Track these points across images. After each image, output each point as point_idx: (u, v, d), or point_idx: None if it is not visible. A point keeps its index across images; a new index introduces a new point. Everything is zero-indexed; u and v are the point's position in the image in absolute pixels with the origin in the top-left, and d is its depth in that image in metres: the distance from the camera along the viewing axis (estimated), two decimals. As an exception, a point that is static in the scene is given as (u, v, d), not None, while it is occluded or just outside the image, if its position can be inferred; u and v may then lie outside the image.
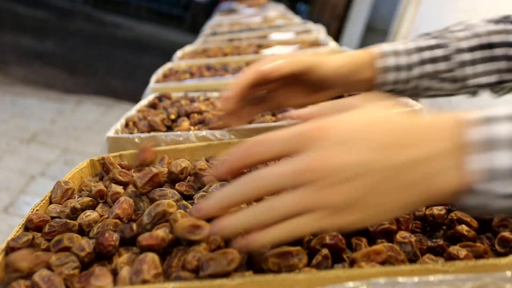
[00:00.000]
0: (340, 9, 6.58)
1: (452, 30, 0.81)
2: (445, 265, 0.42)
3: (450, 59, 0.79)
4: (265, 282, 0.42)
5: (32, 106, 4.02)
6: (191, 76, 1.66)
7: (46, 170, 3.03)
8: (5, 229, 2.35)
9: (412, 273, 0.41)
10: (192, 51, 2.25)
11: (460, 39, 0.79)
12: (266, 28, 2.83)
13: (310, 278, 0.42)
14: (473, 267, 0.41)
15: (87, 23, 8.12)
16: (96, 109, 4.26)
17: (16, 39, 5.84)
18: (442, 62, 0.79)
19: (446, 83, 0.81)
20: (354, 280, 0.40)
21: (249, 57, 1.84)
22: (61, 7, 8.91)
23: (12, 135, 3.40)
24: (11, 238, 0.58)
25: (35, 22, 7.08)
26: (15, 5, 7.80)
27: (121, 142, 0.96)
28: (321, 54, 0.75)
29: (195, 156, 0.85)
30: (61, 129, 3.71)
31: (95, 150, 2.30)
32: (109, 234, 0.54)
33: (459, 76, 0.80)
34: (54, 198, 0.68)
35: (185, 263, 0.48)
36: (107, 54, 6.25)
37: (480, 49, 0.79)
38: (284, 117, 0.64)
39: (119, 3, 10.12)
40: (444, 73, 0.79)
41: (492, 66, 0.79)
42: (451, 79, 0.80)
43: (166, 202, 0.55)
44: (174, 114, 1.11)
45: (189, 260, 0.48)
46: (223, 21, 3.62)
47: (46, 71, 5.00)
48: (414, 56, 0.78)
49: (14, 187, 2.77)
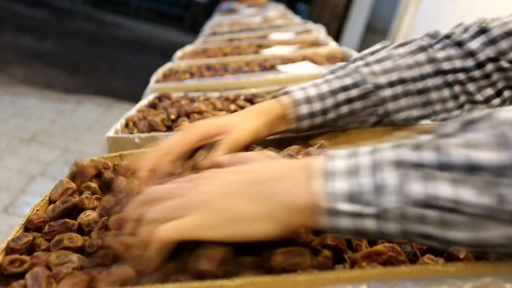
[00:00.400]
0: (340, 9, 6.58)
1: (368, 62, 0.78)
2: (445, 266, 0.42)
3: (367, 97, 0.76)
4: (265, 283, 0.42)
5: (32, 106, 4.02)
6: (191, 76, 1.66)
7: (46, 170, 3.03)
8: (5, 229, 2.35)
9: (413, 274, 0.41)
10: (192, 51, 2.24)
11: (377, 74, 0.76)
12: (266, 28, 2.83)
13: (311, 279, 0.42)
14: (473, 267, 0.41)
15: (87, 23, 8.12)
16: (96, 109, 4.26)
17: (16, 39, 5.84)
18: (358, 101, 0.76)
19: (372, 118, 0.78)
20: (354, 281, 0.40)
21: (249, 57, 1.84)
22: (61, 7, 8.91)
23: (12, 135, 3.40)
24: (11, 239, 0.58)
25: (35, 22, 7.08)
26: (15, 5, 7.80)
27: (121, 142, 0.96)
28: (237, 115, 0.74)
29: (195, 156, 0.85)
30: (61, 129, 3.71)
31: (95, 150, 2.30)
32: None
33: (380, 112, 0.77)
34: (54, 195, 0.69)
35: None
36: (107, 54, 6.25)
37: (400, 84, 0.75)
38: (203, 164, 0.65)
39: (119, 3, 10.12)
40: (361, 111, 0.77)
41: (417, 99, 0.76)
42: (372, 115, 0.78)
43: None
44: (174, 114, 1.11)
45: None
46: (223, 21, 3.62)
47: (46, 71, 5.00)
48: (329, 100, 0.76)
49: (14, 187, 2.76)
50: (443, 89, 0.76)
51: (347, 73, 0.77)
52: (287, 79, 1.38)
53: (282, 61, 1.72)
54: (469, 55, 0.74)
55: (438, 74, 0.75)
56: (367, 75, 0.76)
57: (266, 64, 1.67)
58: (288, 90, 0.77)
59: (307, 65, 1.57)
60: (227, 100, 1.20)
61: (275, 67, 1.59)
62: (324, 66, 1.53)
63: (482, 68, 0.73)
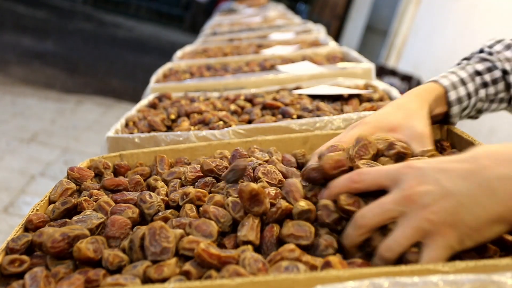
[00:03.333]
0: (340, 9, 6.58)
1: (498, 51, 0.82)
2: (446, 266, 0.42)
3: (498, 82, 0.81)
4: (265, 282, 0.42)
5: (32, 106, 4.02)
6: (191, 76, 1.66)
7: (46, 170, 3.03)
8: (5, 229, 2.35)
9: (413, 273, 0.41)
10: (192, 51, 2.24)
11: (507, 60, 0.81)
12: (266, 28, 2.83)
13: (310, 278, 0.42)
14: (473, 267, 0.41)
15: (87, 23, 8.12)
16: (96, 109, 4.26)
17: (16, 39, 5.84)
18: (492, 86, 0.81)
19: (494, 104, 0.84)
20: (355, 279, 0.40)
21: (249, 57, 1.84)
22: (61, 7, 8.91)
23: (12, 135, 3.40)
24: (11, 239, 0.58)
25: (35, 22, 7.08)
26: (15, 5, 7.81)
27: (121, 142, 0.96)
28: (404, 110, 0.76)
29: (195, 156, 0.85)
30: (61, 129, 3.71)
31: (95, 150, 2.30)
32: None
33: (505, 98, 0.83)
34: (53, 195, 0.69)
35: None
36: (107, 54, 6.25)
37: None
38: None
39: (119, 3, 10.12)
40: (493, 95, 0.82)
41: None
42: (499, 101, 0.83)
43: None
44: (174, 114, 1.11)
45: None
46: (223, 21, 3.62)
47: (46, 71, 5.00)
48: (470, 85, 0.80)
49: (14, 187, 2.77)
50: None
51: (478, 61, 0.83)
52: (287, 79, 1.38)
53: (282, 61, 1.72)
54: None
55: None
56: (497, 60, 0.81)
57: (266, 64, 1.67)
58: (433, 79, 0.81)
59: (307, 65, 1.57)
60: (227, 100, 1.20)
61: (275, 67, 1.59)
62: (324, 66, 1.53)
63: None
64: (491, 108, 0.84)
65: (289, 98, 1.09)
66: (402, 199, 0.48)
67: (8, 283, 0.51)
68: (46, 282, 0.48)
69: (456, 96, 0.79)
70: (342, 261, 0.47)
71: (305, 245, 0.51)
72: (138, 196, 0.64)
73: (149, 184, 0.73)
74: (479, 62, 0.82)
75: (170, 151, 0.85)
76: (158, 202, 0.62)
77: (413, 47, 4.57)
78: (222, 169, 0.68)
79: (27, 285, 0.48)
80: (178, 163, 0.82)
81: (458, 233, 0.46)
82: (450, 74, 0.81)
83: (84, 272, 0.51)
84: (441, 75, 0.81)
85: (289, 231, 0.52)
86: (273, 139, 0.85)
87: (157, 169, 0.78)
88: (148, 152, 0.86)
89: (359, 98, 1.08)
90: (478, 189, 0.46)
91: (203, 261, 0.48)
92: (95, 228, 0.58)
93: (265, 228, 0.55)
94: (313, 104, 1.05)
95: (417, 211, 0.47)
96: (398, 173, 0.50)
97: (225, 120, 1.01)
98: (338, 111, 1.01)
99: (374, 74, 1.39)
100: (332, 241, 0.52)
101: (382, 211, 0.49)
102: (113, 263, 0.51)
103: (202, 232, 0.54)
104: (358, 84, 1.19)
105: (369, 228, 0.50)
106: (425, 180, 0.48)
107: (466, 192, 0.46)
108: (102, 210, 0.62)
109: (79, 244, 0.52)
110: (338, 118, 0.91)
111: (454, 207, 0.46)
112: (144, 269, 0.49)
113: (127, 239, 0.54)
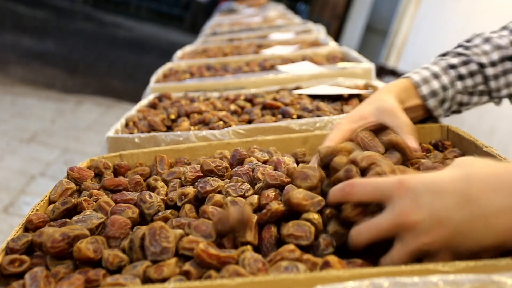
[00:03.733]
0: (340, 9, 6.58)
1: (476, 44, 0.84)
2: (446, 265, 0.42)
3: (475, 74, 0.82)
4: (265, 282, 0.42)
5: (32, 106, 4.02)
6: (191, 76, 1.66)
7: (46, 170, 3.03)
8: (5, 229, 2.35)
9: (413, 273, 0.41)
10: (192, 51, 2.25)
11: (484, 53, 0.82)
12: (266, 28, 2.83)
13: (310, 278, 0.42)
14: (473, 267, 0.41)
15: (87, 23, 8.12)
16: (96, 109, 4.26)
17: (16, 39, 5.84)
18: (469, 79, 0.82)
19: (475, 97, 0.85)
20: (355, 279, 0.40)
21: (249, 57, 1.84)
22: (61, 7, 8.91)
23: (12, 135, 3.40)
24: (11, 239, 0.58)
25: (35, 22, 7.08)
26: (15, 5, 7.80)
27: (121, 142, 0.96)
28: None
29: (195, 156, 0.85)
30: (61, 129, 3.71)
31: (95, 150, 2.29)
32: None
33: (485, 90, 0.83)
34: (53, 195, 0.69)
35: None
36: (107, 54, 6.25)
37: (501, 62, 0.82)
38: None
39: (119, 3, 10.12)
40: (472, 88, 0.83)
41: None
42: (479, 93, 0.84)
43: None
44: (174, 114, 1.11)
45: None
46: (223, 21, 3.62)
47: (46, 71, 5.00)
48: (444, 78, 0.82)
49: (14, 187, 2.76)
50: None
51: (453, 56, 0.85)
52: (287, 79, 1.38)
53: (282, 61, 1.72)
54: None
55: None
56: (473, 54, 0.82)
57: (266, 64, 1.67)
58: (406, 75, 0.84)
59: (307, 65, 1.57)
60: (227, 100, 1.20)
61: (275, 67, 1.59)
62: (324, 66, 1.53)
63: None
64: (472, 101, 0.85)
65: (289, 98, 1.09)
66: (397, 224, 0.48)
67: (8, 283, 0.51)
68: (46, 282, 0.48)
69: (429, 90, 0.81)
70: (341, 260, 0.47)
71: (305, 245, 0.51)
72: (138, 196, 0.64)
73: (149, 184, 0.73)
74: (454, 56, 0.84)
75: (170, 151, 0.85)
76: (158, 202, 0.62)
77: (413, 47, 4.57)
78: (222, 169, 0.68)
79: (27, 285, 0.48)
80: (178, 163, 0.82)
81: (455, 254, 0.47)
82: (422, 70, 0.84)
83: (84, 272, 0.51)
84: (414, 71, 0.84)
85: (289, 231, 0.52)
86: (273, 139, 0.85)
87: (157, 169, 0.78)
88: (148, 152, 0.86)
89: (359, 98, 1.08)
90: (474, 219, 0.46)
91: (203, 261, 0.48)
92: (95, 228, 0.58)
93: (263, 229, 0.55)
94: (313, 104, 1.05)
95: (414, 238, 0.47)
96: (390, 192, 0.50)
97: (225, 120, 1.01)
98: (338, 111, 1.01)
99: (374, 74, 1.39)
100: (332, 240, 0.52)
101: (377, 231, 0.49)
102: (113, 263, 0.51)
103: (201, 232, 0.54)
104: (358, 84, 1.19)
105: (363, 244, 0.50)
106: (419, 206, 0.47)
107: (461, 221, 0.46)
108: (102, 210, 0.62)
109: (79, 244, 0.52)
110: (338, 118, 0.91)
111: (451, 234, 0.46)
112: (144, 269, 0.49)
113: (127, 239, 0.54)
